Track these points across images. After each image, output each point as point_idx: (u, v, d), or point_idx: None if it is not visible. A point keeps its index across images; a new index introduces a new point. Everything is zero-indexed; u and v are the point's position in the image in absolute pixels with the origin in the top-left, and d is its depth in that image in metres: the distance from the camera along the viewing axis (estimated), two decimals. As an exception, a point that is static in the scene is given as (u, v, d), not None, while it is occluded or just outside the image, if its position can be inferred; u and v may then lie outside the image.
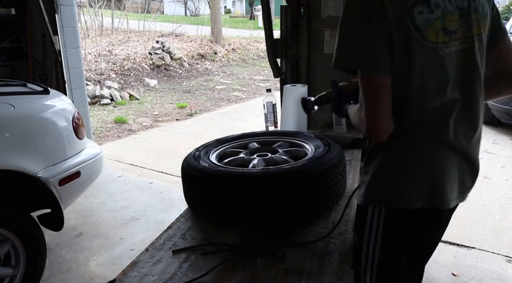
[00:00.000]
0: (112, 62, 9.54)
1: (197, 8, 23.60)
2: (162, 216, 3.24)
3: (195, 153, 1.49)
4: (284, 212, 1.26)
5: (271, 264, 1.08)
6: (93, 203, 3.47)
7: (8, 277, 2.05)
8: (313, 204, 1.30)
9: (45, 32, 3.85)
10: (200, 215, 1.39)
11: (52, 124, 2.35)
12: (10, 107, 2.13)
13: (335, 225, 1.24)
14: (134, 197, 3.63)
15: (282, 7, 2.47)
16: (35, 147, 2.22)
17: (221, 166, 1.39)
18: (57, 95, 2.60)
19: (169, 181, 3.98)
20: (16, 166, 2.07)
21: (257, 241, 1.21)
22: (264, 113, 2.35)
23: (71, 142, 2.41)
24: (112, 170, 4.20)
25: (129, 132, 5.92)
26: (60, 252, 2.74)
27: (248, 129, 2.14)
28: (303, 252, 1.13)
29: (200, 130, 5.89)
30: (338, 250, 1.14)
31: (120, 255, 2.70)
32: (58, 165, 2.28)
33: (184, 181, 1.43)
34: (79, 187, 2.48)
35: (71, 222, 3.11)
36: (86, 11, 11.95)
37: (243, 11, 30.27)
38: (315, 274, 1.04)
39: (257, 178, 1.27)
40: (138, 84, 9.01)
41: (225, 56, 12.55)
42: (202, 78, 10.30)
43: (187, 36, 13.87)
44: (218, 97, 8.40)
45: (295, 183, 1.26)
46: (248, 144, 1.66)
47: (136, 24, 13.60)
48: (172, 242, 1.23)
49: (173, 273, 1.07)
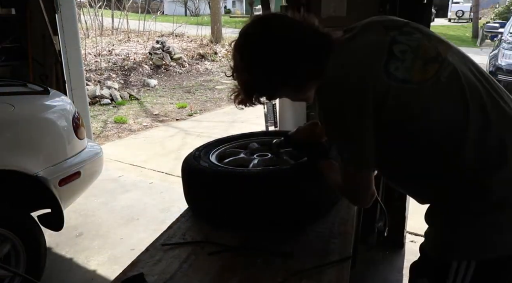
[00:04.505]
0: (112, 62, 9.53)
1: (197, 8, 23.58)
2: (162, 216, 3.24)
3: (195, 153, 1.49)
4: (284, 211, 1.26)
5: (271, 264, 1.09)
6: (93, 203, 3.47)
7: (8, 277, 2.05)
8: (313, 204, 1.30)
9: (45, 32, 3.84)
10: (200, 215, 1.39)
11: (52, 125, 2.35)
12: (10, 107, 2.13)
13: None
14: (134, 197, 3.63)
15: (282, 7, 2.47)
16: (35, 147, 2.22)
17: (221, 166, 1.39)
18: (57, 95, 2.60)
19: (169, 181, 3.98)
20: (16, 166, 2.07)
21: (257, 241, 1.21)
22: (264, 113, 2.36)
23: (71, 141, 2.41)
24: (112, 170, 4.20)
25: (129, 132, 5.91)
26: (60, 252, 2.74)
27: (248, 129, 2.14)
28: (303, 252, 1.13)
29: (200, 130, 5.88)
30: (338, 250, 1.14)
31: (120, 255, 2.70)
32: (58, 165, 2.28)
33: (184, 181, 1.43)
34: (79, 187, 2.47)
35: (71, 222, 3.10)
36: (86, 11, 11.94)
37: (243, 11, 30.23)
38: (315, 274, 1.04)
39: (257, 178, 1.27)
40: (138, 84, 9.00)
41: (225, 57, 12.54)
42: (202, 78, 10.29)
43: (187, 36, 13.86)
44: (218, 97, 8.39)
45: (295, 183, 1.26)
46: (248, 144, 1.66)
47: (136, 24, 13.58)
48: (172, 242, 1.23)
49: (173, 273, 1.07)
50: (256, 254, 1.13)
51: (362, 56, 0.98)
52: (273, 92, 1.13)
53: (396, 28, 1.01)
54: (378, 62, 0.95)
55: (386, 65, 0.94)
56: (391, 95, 0.93)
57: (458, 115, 0.92)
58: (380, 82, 0.93)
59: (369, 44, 1.00)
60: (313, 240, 1.20)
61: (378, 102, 0.93)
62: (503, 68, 5.99)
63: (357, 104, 0.94)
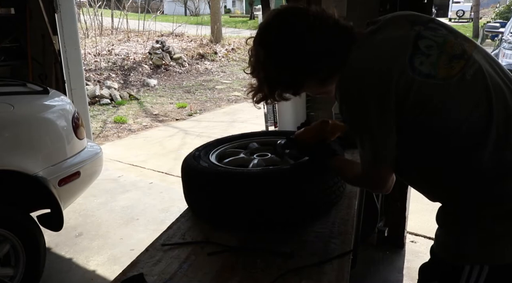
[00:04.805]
0: (111, 62, 9.53)
1: (197, 8, 23.58)
2: (162, 216, 3.24)
3: (195, 153, 1.49)
4: (284, 211, 1.26)
5: (271, 264, 1.08)
6: (93, 203, 3.47)
7: (8, 277, 2.04)
8: (313, 204, 1.30)
9: (44, 32, 3.84)
10: (200, 215, 1.39)
11: (51, 124, 2.35)
12: (10, 107, 2.13)
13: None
14: (134, 197, 3.63)
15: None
16: (35, 147, 2.22)
17: (221, 166, 1.39)
18: (56, 95, 2.60)
19: (169, 181, 3.98)
20: (16, 166, 2.07)
21: (257, 241, 1.20)
22: (264, 113, 2.35)
23: (71, 141, 2.41)
24: (112, 170, 4.20)
25: (129, 132, 5.91)
26: (60, 252, 2.74)
27: (248, 129, 2.14)
28: (303, 252, 1.13)
29: (200, 130, 5.88)
30: (338, 250, 1.14)
31: (120, 255, 2.70)
32: (58, 165, 2.27)
33: (184, 181, 1.42)
34: (79, 187, 2.47)
35: (71, 222, 3.10)
36: (85, 11, 11.94)
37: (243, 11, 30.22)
38: (315, 274, 1.03)
39: (257, 178, 1.26)
40: (138, 84, 9.00)
41: (225, 56, 12.54)
42: (202, 78, 10.29)
43: (187, 36, 13.86)
44: (218, 97, 8.39)
45: (295, 183, 1.25)
46: (248, 144, 1.66)
47: (136, 24, 13.58)
48: (172, 242, 1.23)
49: (173, 273, 1.07)
50: (256, 254, 1.13)
51: (387, 49, 0.96)
52: (297, 87, 1.10)
53: (422, 23, 0.99)
54: (403, 55, 0.93)
55: (411, 59, 0.92)
56: (414, 90, 0.91)
57: (481, 115, 0.90)
58: (404, 76, 0.91)
59: (394, 37, 0.98)
60: (313, 240, 1.19)
61: (400, 96, 0.92)
62: (504, 68, 5.99)
63: (379, 98, 0.92)
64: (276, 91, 1.09)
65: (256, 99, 1.13)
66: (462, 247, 0.96)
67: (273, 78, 1.07)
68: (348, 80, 0.98)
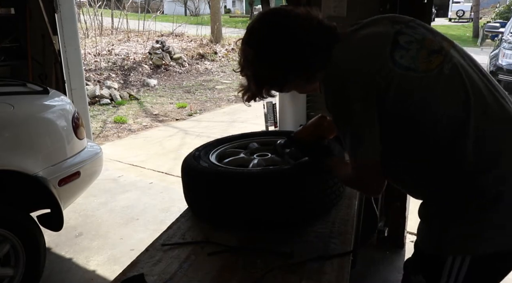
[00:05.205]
0: (112, 62, 9.53)
1: (197, 8, 23.58)
2: (162, 216, 3.24)
3: (195, 153, 1.49)
4: (284, 212, 1.26)
5: (271, 264, 1.08)
6: (93, 203, 3.47)
7: (8, 277, 2.05)
8: (313, 204, 1.30)
9: (44, 32, 3.84)
10: (200, 215, 1.39)
11: (51, 124, 2.35)
12: (10, 107, 2.13)
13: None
14: (134, 197, 3.63)
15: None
16: (35, 147, 2.22)
17: (221, 166, 1.39)
18: (56, 95, 2.60)
19: (169, 181, 3.98)
20: (16, 166, 2.07)
21: (257, 241, 1.20)
22: (264, 113, 2.35)
23: (71, 141, 2.40)
24: (112, 170, 4.20)
25: (129, 132, 5.91)
26: (60, 252, 2.74)
27: (248, 129, 2.14)
28: (303, 252, 1.13)
29: (200, 130, 5.88)
30: (338, 250, 1.14)
31: (120, 255, 2.70)
32: (58, 165, 2.27)
33: (184, 181, 1.42)
34: (79, 187, 2.47)
35: (71, 222, 3.10)
36: (85, 11, 11.93)
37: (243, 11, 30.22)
38: (315, 274, 1.03)
39: (257, 178, 1.26)
40: (138, 84, 8.99)
41: (225, 56, 12.54)
42: (202, 78, 10.29)
43: (187, 36, 13.85)
44: (218, 97, 8.38)
45: (295, 183, 1.25)
46: (248, 144, 1.66)
47: (136, 24, 13.58)
48: (172, 242, 1.23)
49: (173, 273, 1.07)
50: (256, 254, 1.13)
51: (368, 45, 1.00)
52: (282, 83, 1.13)
53: (402, 22, 1.04)
54: (384, 49, 0.97)
55: (392, 53, 0.96)
56: (395, 83, 0.94)
57: (459, 109, 0.93)
58: (385, 69, 0.95)
59: (374, 34, 1.02)
60: (313, 240, 1.20)
61: (382, 90, 0.94)
62: (504, 68, 6.00)
63: (362, 93, 0.95)
64: (263, 88, 1.13)
65: (246, 97, 1.16)
66: (443, 239, 0.99)
67: (260, 76, 1.10)
68: (332, 78, 1.01)
